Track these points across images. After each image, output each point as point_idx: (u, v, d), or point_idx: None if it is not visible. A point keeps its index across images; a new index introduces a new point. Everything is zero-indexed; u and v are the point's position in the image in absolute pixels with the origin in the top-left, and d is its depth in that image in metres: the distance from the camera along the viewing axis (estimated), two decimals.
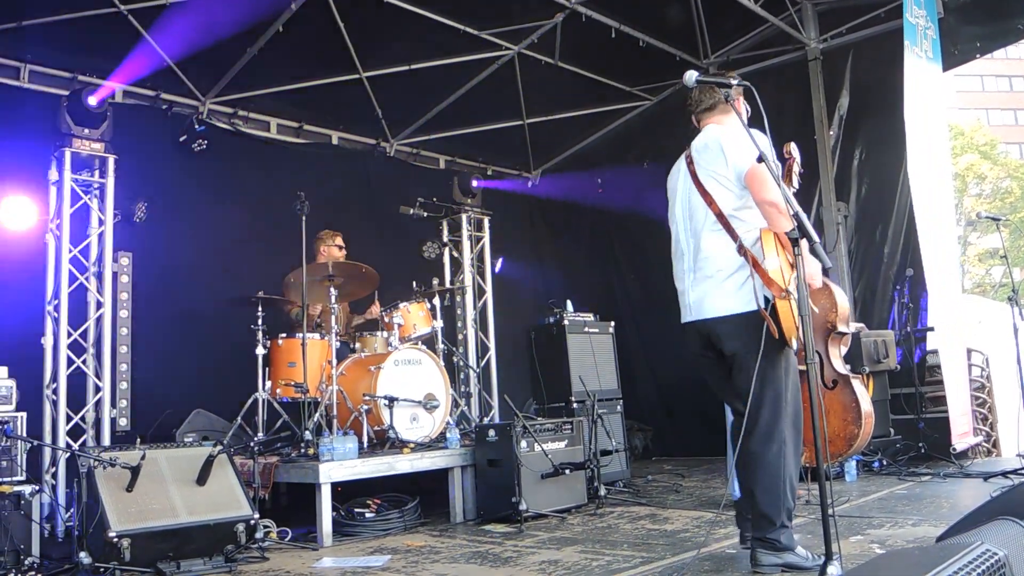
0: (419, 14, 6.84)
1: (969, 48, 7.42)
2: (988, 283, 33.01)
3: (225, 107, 7.44)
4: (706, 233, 3.47)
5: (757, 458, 3.32)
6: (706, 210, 3.47)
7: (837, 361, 5.01)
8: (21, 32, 5.90)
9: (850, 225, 7.76)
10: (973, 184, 34.66)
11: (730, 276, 3.38)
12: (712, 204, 3.44)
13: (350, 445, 4.96)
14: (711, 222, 3.45)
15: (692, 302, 3.55)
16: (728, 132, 3.54)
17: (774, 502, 3.30)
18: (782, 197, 3.18)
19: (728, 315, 3.38)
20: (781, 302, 3.19)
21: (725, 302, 3.39)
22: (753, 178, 3.32)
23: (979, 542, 1.92)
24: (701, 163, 3.53)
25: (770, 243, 3.26)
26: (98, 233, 5.72)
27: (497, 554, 4.20)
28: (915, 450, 6.56)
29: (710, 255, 3.45)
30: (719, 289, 3.41)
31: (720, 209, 3.42)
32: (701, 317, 3.49)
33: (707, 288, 3.46)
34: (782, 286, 3.18)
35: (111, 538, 3.87)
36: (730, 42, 8.51)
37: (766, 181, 3.25)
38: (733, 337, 3.39)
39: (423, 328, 6.35)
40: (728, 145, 3.45)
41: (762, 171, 3.24)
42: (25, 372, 5.05)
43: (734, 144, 3.43)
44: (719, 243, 3.43)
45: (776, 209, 3.24)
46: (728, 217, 3.41)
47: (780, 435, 3.34)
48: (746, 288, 3.33)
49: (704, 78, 3.34)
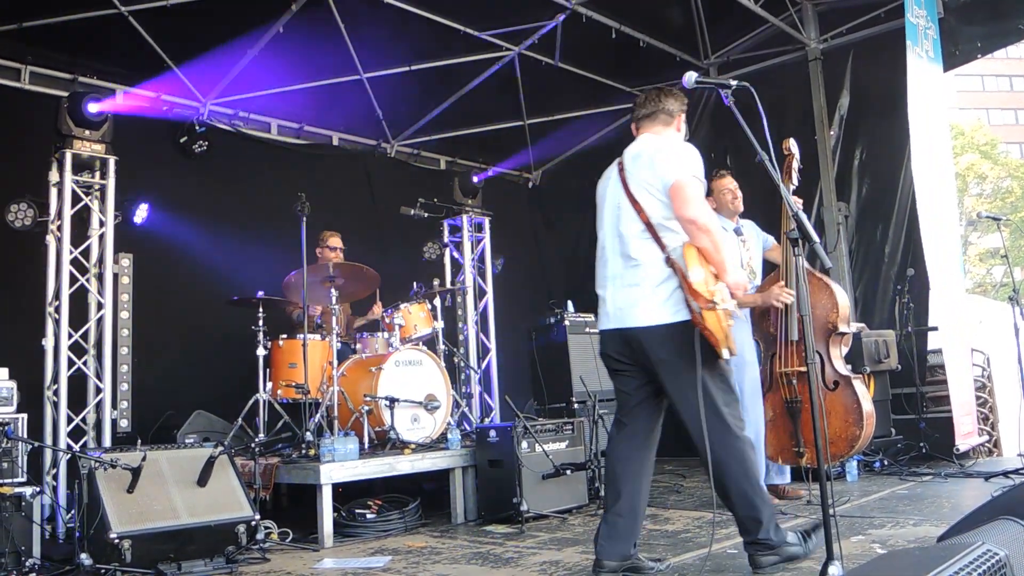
0: (419, 15, 6.84)
1: (970, 48, 7.42)
2: (989, 283, 33.01)
3: (226, 108, 7.45)
4: (635, 241, 3.44)
5: (719, 466, 3.29)
6: (635, 218, 3.44)
7: (838, 362, 5.02)
8: (22, 33, 5.91)
9: (851, 225, 7.76)
10: (974, 184, 34.67)
11: (659, 286, 3.36)
12: (641, 213, 3.42)
13: (351, 446, 4.95)
14: (640, 231, 3.43)
15: (614, 310, 3.51)
16: (662, 143, 3.54)
17: (751, 503, 3.31)
18: (704, 213, 3.25)
19: (656, 325, 3.35)
20: (708, 313, 3.19)
21: (653, 312, 3.36)
22: (676, 192, 3.30)
23: (980, 542, 1.92)
24: (632, 172, 3.50)
25: (692, 255, 3.25)
26: (99, 234, 5.72)
27: (498, 555, 4.21)
28: (916, 450, 6.55)
29: (638, 264, 3.43)
30: (646, 299, 3.39)
31: (649, 218, 3.40)
32: (626, 325, 3.45)
33: (634, 296, 3.43)
34: (707, 297, 3.18)
35: (112, 539, 3.87)
36: (730, 42, 8.51)
37: (689, 198, 3.26)
38: (660, 347, 3.36)
39: (424, 329, 6.35)
40: (659, 156, 3.44)
41: (685, 186, 3.27)
42: (26, 373, 5.05)
43: (665, 155, 3.42)
44: (647, 252, 3.41)
45: (695, 226, 3.25)
46: (656, 227, 3.39)
47: (732, 439, 3.34)
48: (674, 298, 3.33)
49: (704, 80, 3.34)
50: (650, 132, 3.64)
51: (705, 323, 3.20)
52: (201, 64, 6.83)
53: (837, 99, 7.88)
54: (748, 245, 5.25)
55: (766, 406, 5.08)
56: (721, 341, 3.20)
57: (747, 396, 5.06)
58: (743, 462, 3.33)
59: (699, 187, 3.32)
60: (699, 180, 3.34)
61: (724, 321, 3.22)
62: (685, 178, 3.29)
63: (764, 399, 5.08)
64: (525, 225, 9.88)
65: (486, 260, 8.35)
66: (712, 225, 3.26)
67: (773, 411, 5.07)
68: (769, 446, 5.07)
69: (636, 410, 3.57)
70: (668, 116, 3.63)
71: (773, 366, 5.05)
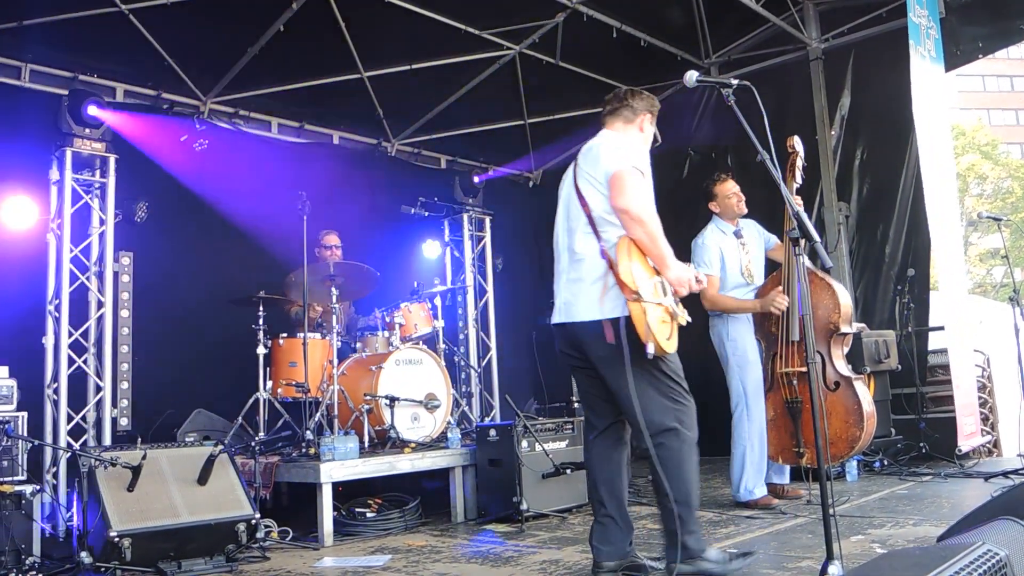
0: (420, 13, 6.83)
1: (971, 48, 7.41)
2: (989, 283, 33.01)
3: (226, 106, 7.44)
4: (579, 236, 3.41)
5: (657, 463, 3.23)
6: (580, 213, 3.41)
7: (840, 362, 5.01)
8: (22, 31, 5.89)
9: (851, 225, 7.75)
10: (974, 184, 34.66)
11: (596, 281, 3.32)
12: (585, 207, 3.38)
13: (351, 445, 4.96)
14: (583, 224, 3.39)
15: (562, 304, 3.48)
16: (615, 138, 3.52)
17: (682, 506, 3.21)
18: (638, 203, 3.18)
19: (592, 320, 3.31)
20: (633, 305, 3.14)
21: (591, 307, 3.33)
22: (612, 182, 3.27)
23: (980, 542, 1.92)
24: (582, 166, 3.47)
25: (624, 248, 3.21)
26: (99, 233, 5.72)
27: (498, 554, 4.21)
28: (916, 450, 6.55)
29: (581, 259, 3.39)
30: (585, 294, 3.36)
31: (591, 212, 3.37)
32: (570, 320, 3.42)
33: (576, 291, 3.40)
34: (633, 289, 3.13)
35: (112, 538, 3.87)
36: (731, 42, 8.50)
37: (624, 187, 3.22)
38: (596, 342, 3.32)
39: (424, 328, 6.35)
40: (606, 148, 3.41)
41: (625, 177, 3.23)
42: (26, 372, 5.05)
43: (612, 148, 3.40)
44: (589, 246, 3.37)
45: (628, 216, 3.21)
46: (597, 220, 3.35)
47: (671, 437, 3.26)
48: (611, 294, 3.27)
49: (705, 79, 3.33)
50: (610, 128, 3.62)
51: (631, 316, 3.15)
52: (201, 62, 6.84)
53: (838, 99, 7.87)
54: (748, 248, 5.25)
55: (767, 405, 5.08)
56: (643, 335, 3.12)
57: (749, 395, 5.07)
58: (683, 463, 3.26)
59: (638, 178, 3.26)
60: (640, 172, 3.28)
61: (651, 316, 3.13)
62: (624, 168, 3.25)
63: (765, 399, 5.08)
64: (526, 224, 9.88)
65: (486, 259, 8.35)
66: (646, 215, 3.20)
67: (774, 411, 5.07)
68: (770, 445, 5.07)
69: (603, 408, 3.54)
70: (631, 113, 3.60)
71: (774, 366, 5.05)
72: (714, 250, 5.17)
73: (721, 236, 5.23)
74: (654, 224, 3.23)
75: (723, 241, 5.21)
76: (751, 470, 5.03)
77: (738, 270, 5.17)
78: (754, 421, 5.06)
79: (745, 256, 5.21)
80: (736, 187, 5.30)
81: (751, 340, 5.14)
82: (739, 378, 5.11)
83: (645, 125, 3.63)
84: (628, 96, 3.62)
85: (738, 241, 5.23)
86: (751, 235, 5.32)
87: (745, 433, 5.06)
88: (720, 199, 5.29)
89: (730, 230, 5.25)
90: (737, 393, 5.13)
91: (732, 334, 5.15)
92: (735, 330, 5.14)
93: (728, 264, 5.17)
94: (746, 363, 5.09)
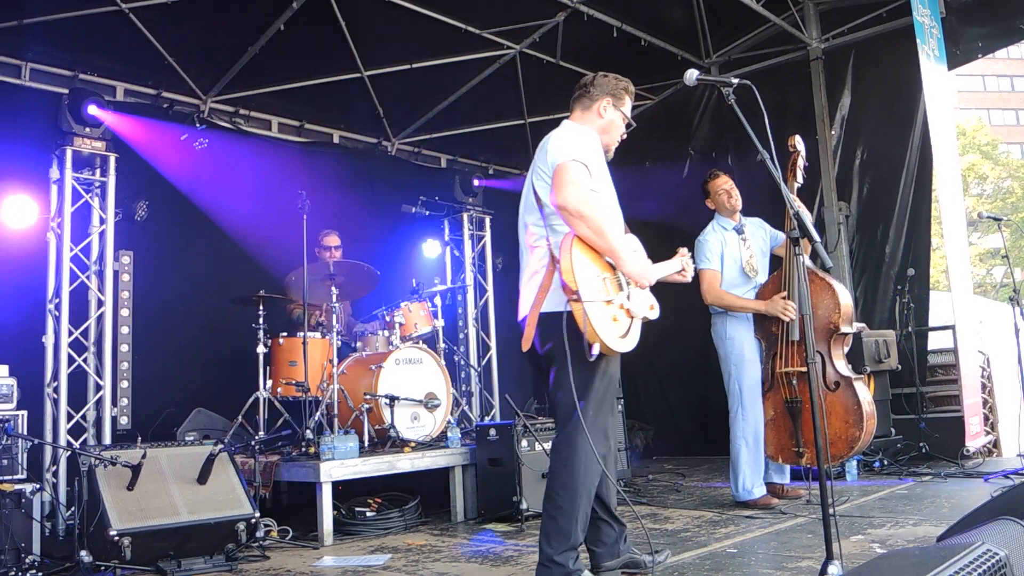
0: (420, 13, 6.84)
1: (971, 48, 7.42)
2: (989, 283, 33.00)
3: (226, 106, 7.44)
4: (532, 231, 3.32)
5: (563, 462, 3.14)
6: (534, 207, 3.28)
7: (840, 363, 5.01)
8: (22, 30, 5.89)
9: (851, 224, 7.76)
10: (974, 184, 34.65)
11: (544, 276, 3.22)
12: (538, 201, 3.25)
13: (351, 444, 4.96)
14: (536, 220, 3.28)
15: (521, 299, 3.39)
16: (569, 128, 3.37)
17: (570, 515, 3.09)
18: (575, 198, 3.02)
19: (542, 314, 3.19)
20: (574, 305, 3.03)
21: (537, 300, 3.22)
22: (556, 175, 3.10)
23: (980, 542, 1.91)
24: (536, 159, 3.33)
25: (566, 245, 3.08)
26: (99, 232, 5.72)
27: (498, 553, 4.21)
28: (916, 450, 6.55)
29: (533, 253, 3.31)
30: (531, 285, 3.27)
31: (543, 207, 3.24)
32: (521, 315, 3.33)
33: (528, 283, 3.31)
34: (572, 288, 3.01)
35: (112, 537, 3.88)
36: (732, 42, 8.51)
37: (562, 183, 3.06)
38: (543, 337, 3.20)
39: (424, 327, 6.34)
40: (554, 140, 3.26)
41: (564, 172, 3.07)
42: (26, 370, 5.05)
43: (561, 140, 3.24)
44: (540, 242, 3.28)
45: (566, 213, 3.04)
46: (548, 216, 3.22)
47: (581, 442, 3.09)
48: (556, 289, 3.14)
49: (705, 77, 3.32)
50: (571, 118, 3.50)
51: (574, 315, 3.04)
52: (202, 61, 6.84)
53: (838, 99, 7.88)
54: (749, 243, 5.24)
55: (767, 405, 5.08)
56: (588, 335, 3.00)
57: (746, 395, 5.07)
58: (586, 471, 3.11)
59: (578, 171, 3.09)
60: (581, 163, 3.11)
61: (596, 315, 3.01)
62: (564, 162, 3.09)
63: (765, 398, 5.08)
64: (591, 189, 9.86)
65: (486, 258, 8.35)
66: (586, 210, 3.03)
67: (774, 410, 5.07)
68: (769, 445, 5.07)
69: None
70: (589, 100, 3.44)
71: (774, 366, 5.04)
72: (715, 246, 5.17)
73: (722, 232, 5.23)
74: (598, 218, 3.07)
75: (724, 237, 5.21)
76: (748, 470, 5.03)
77: (739, 266, 5.16)
78: (749, 421, 5.05)
79: (747, 252, 5.20)
80: (728, 183, 5.29)
81: (750, 339, 5.14)
82: (735, 377, 5.11)
83: (605, 109, 3.43)
84: (589, 82, 3.47)
85: (739, 237, 5.22)
86: (754, 232, 5.31)
87: (740, 432, 5.05)
88: (713, 195, 5.29)
89: (731, 226, 5.24)
90: (733, 393, 5.13)
91: (731, 333, 5.14)
92: (734, 329, 5.14)
93: (729, 260, 5.17)
94: (743, 362, 5.09)
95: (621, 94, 3.48)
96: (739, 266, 5.17)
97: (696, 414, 8.37)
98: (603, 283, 3.11)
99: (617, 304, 3.14)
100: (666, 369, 8.81)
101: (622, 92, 3.49)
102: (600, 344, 3.02)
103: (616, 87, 3.47)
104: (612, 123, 3.46)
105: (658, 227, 8.60)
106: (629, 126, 3.56)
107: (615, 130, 3.49)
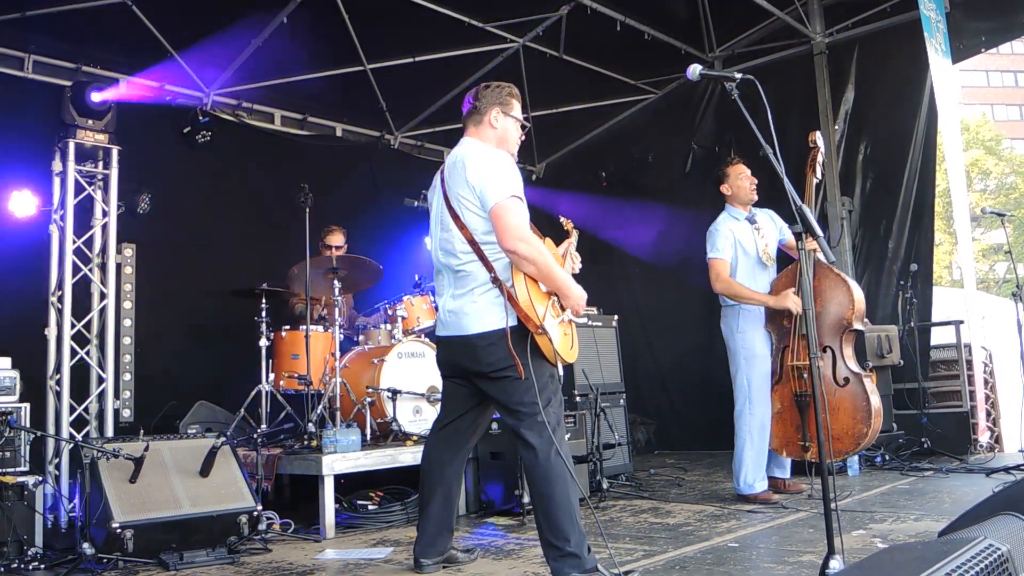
0: (424, 6, 6.82)
1: (974, 43, 7.40)
2: (992, 279, 32.95)
3: (229, 98, 7.44)
4: (461, 257, 3.31)
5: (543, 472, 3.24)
6: (460, 236, 3.29)
7: (851, 359, 5.00)
8: (25, 22, 5.89)
9: (855, 220, 7.74)
10: (978, 179, 34.57)
11: (486, 295, 3.26)
12: (463, 229, 3.27)
13: (353, 437, 4.96)
14: (464, 249, 3.29)
15: (447, 316, 3.41)
16: (473, 151, 3.37)
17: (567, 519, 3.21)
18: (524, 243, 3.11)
19: (487, 331, 3.23)
20: (540, 338, 3.18)
21: (485, 318, 3.25)
22: (494, 219, 3.17)
23: (982, 537, 1.92)
24: (450, 185, 3.35)
25: (520, 281, 3.18)
26: (102, 224, 5.71)
27: (499, 547, 4.21)
28: (918, 445, 6.55)
29: (468, 274, 3.31)
30: (475, 304, 3.28)
31: (471, 235, 3.26)
32: (460, 333, 3.33)
33: (465, 303, 3.32)
34: (537, 322, 3.14)
35: (114, 529, 3.89)
36: (735, 36, 8.49)
37: (506, 227, 3.14)
38: (490, 352, 3.22)
39: (427, 321, 6.33)
40: (470, 165, 3.28)
41: (503, 214, 3.14)
42: (28, 363, 5.04)
43: (476, 171, 3.26)
44: (474, 267, 3.29)
45: (517, 257, 3.14)
46: (480, 244, 3.25)
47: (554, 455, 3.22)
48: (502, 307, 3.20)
49: (708, 72, 3.30)
50: (468, 135, 3.52)
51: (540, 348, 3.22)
52: (205, 54, 6.81)
53: (842, 93, 7.86)
54: (763, 232, 5.22)
55: (774, 398, 5.07)
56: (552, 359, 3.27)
57: (754, 390, 5.07)
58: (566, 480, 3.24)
59: (517, 209, 3.17)
60: (517, 198, 3.19)
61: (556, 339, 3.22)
62: (503, 202, 3.15)
63: (773, 391, 5.07)
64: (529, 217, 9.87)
65: None
66: (534, 253, 3.13)
67: (781, 403, 5.06)
68: (775, 438, 5.07)
69: (464, 417, 3.57)
70: (479, 115, 3.48)
71: (784, 359, 5.04)
72: (727, 235, 5.14)
73: (734, 223, 5.21)
74: (547, 261, 3.17)
75: (736, 227, 5.18)
76: (751, 464, 5.03)
77: (755, 254, 5.14)
78: (755, 415, 5.05)
79: (761, 241, 5.17)
80: (748, 171, 5.28)
81: (761, 334, 5.13)
82: (744, 372, 5.10)
83: (496, 119, 3.47)
84: (475, 96, 3.51)
85: (752, 227, 5.21)
86: (765, 221, 5.29)
87: (746, 427, 5.05)
88: (732, 179, 5.24)
89: (743, 216, 5.23)
90: (741, 387, 5.12)
91: (743, 326, 5.13)
92: (746, 323, 5.13)
93: (745, 249, 5.14)
94: (753, 357, 5.08)
95: (507, 100, 3.53)
96: (756, 254, 5.15)
97: (698, 408, 8.36)
98: (552, 307, 3.28)
99: (565, 321, 3.36)
100: (668, 364, 8.80)
101: (507, 98, 3.54)
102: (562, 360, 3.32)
103: (501, 95, 3.53)
104: (507, 131, 3.52)
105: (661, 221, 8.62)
106: (524, 127, 3.62)
107: (511, 137, 3.55)
